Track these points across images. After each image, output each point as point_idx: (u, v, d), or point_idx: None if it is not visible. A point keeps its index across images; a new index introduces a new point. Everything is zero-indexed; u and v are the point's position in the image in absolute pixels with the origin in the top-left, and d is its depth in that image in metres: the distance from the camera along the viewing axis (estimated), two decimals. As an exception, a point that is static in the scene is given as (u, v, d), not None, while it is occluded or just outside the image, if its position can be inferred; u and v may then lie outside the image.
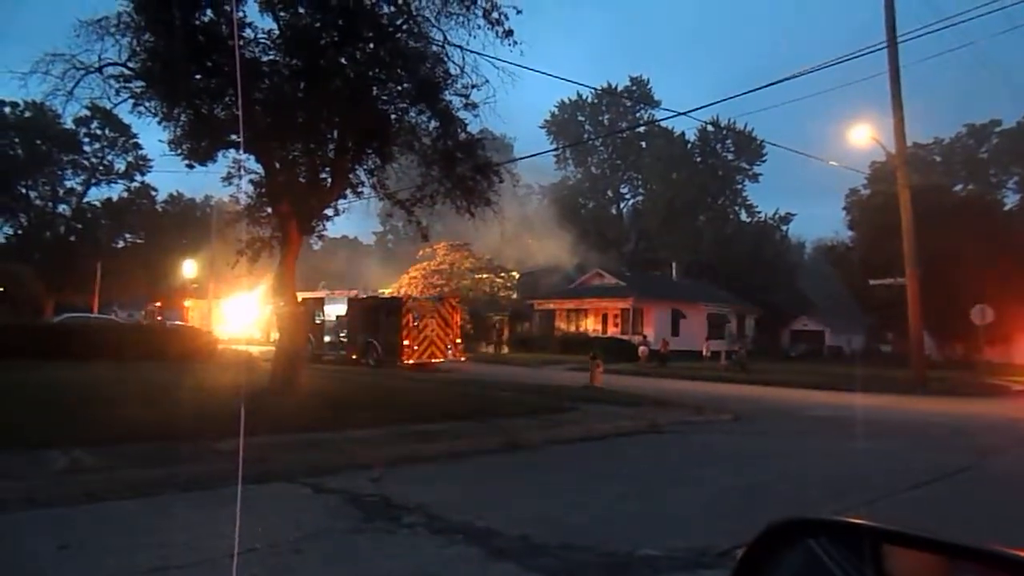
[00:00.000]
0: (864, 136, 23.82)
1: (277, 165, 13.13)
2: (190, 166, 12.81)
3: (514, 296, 43.51)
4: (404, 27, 12.43)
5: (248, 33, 11.77)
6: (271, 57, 12.10)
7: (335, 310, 27.66)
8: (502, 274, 42.43)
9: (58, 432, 7.79)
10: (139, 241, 52.89)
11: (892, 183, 24.41)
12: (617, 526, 5.75)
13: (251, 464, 6.70)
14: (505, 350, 39.75)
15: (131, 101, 12.02)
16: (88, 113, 40.14)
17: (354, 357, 25.38)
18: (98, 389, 11.90)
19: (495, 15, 12.38)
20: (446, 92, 12.80)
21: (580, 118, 63.13)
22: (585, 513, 6.07)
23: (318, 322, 27.04)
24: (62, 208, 50.77)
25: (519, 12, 12.49)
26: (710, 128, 56.33)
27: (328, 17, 11.90)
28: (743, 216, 60.35)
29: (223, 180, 14.13)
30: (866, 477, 7.99)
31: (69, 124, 44.92)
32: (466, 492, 6.98)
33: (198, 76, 11.73)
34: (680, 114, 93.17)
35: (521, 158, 41.40)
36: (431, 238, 21.14)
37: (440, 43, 12.57)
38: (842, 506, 6.39)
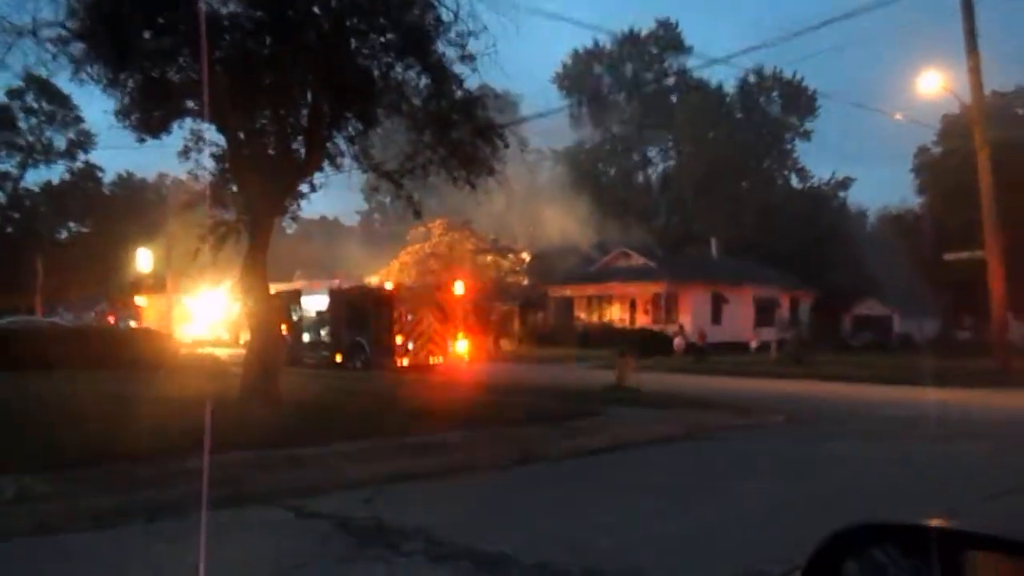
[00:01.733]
0: (934, 85, 23.59)
1: (242, 135, 13.15)
2: (141, 140, 12.88)
3: (525, 282, 43.55)
4: (387, -33, 12.40)
5: (205, -19, 11.78)
6: (232, 9, 12.10)
7: (314, 304, 27.75)
8: (510, 256, 42.46)
9: (3, 456, 7.90)
10: (85, 230, 53.23)
11: (968, 140, 24.19)
12: (652, 550, 5.79)
13: (224, 486, 6.78)
14: (516, 346, 39.84)
15: (71, 67, 12.06)
16: (22, 84, 40.32)
17: (338, 359, 25.49)
18: (45, 404, 12.03)
19: (495, -51, 12.35)
20: (438, 42, 12.77)
21: (598, 70, 62.80)
22: (614, 535, 6.12)
23: (295, 319, 27.15)
24: (-5, 195, 51.12)
25: (522, -55, 12.47)
26: (752, 78, 55.96)
27: (297, -41, 11.89)
28: (794, 181, 60.05)
29: (179, 155, 14.18)
30: (941, 486, 8.01)
31: (0, 97, 45.13)
32: (473, 512, 7.04)
33: (147, 34, 11.75)
34: (717, 62, 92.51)
35: (529, 118, 41.28)
36: (425, 216, 21.13)
37: (429, -16, 12.54)
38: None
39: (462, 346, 26.23)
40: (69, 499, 6.67)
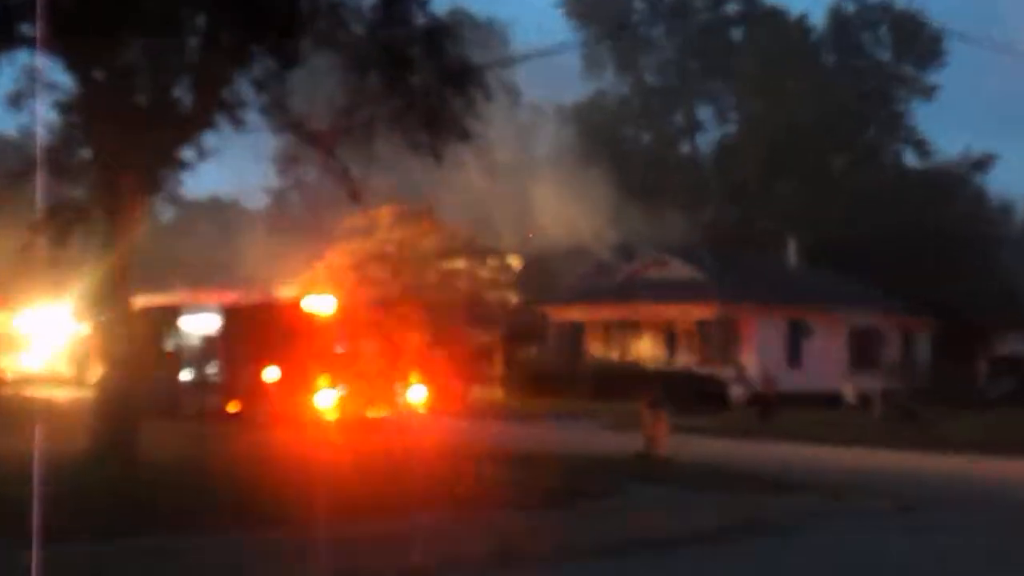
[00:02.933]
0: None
1: (100, 76, 13.15)
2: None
3: (513, 299, 43.51)
4: None
5: None
6: None
7: (200, 326, 27.66)
8: (491, 261, 42.44)
9: None
10: None
11: None
12: None
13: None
14: (498, 393, 39.74)
15: None
16: None
17: (233, 408, 25.36)
18: None
19: None
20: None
21: (626, -10, 63.11)
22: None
23: (170, 348, 27.05)
24: None
25: None
26: (849, 8, 56.38)
27: None
28: (909, 159, 60.37)
29: (7, 102, 14.15)
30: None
31: None
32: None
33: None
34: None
35: (523, 58, 41.46)
36: (368, 199, 21.08)
37: None
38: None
39: (418, 393, 26.15)
40: None
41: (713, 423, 27.96)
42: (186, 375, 27.16)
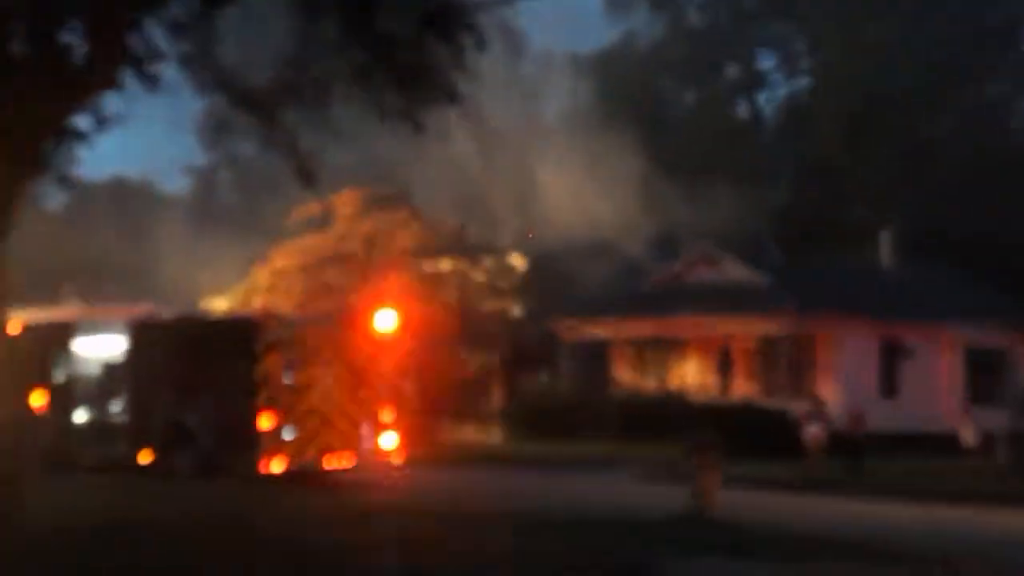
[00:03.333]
0: None
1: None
2: None
3: (515, 311, 43.49)
4: None
5: None
6: None
7: (101, 349, 27.61)
8: (486, 262, 42.42)
9: None
10: None
11: None
12: None
13: None
14: (498, 434, 39.69)
15: None
16: None
17: (145, 458, 25.30)
18: None
19: None
20: None
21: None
22: None
23: (62, 379, 27.00)
24: None
25: None
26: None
27: None
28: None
29: None
30: None
31: None
32: None
33: None
34: None
35: (527, -4, 41.46)
36: (324, 182, 20.96)
37: None
38: None
39: (390, 437, 26.02)
40: None
41: (782, 473, 27.96)
42: (82, 415, 27.11)
